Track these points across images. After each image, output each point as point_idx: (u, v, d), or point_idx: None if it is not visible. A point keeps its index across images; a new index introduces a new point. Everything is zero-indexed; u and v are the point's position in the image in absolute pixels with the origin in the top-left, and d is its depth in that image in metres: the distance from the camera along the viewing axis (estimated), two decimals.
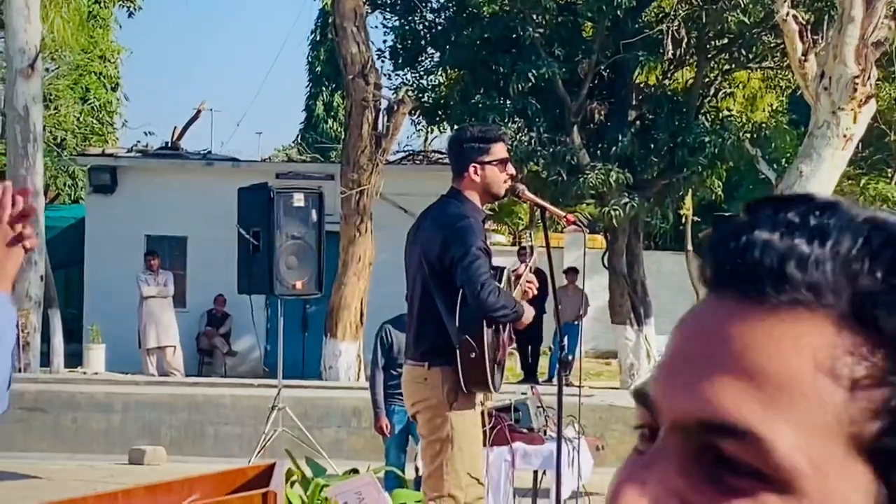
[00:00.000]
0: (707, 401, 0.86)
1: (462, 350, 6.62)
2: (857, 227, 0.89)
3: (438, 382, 6.72)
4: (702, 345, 0.90)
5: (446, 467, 6.77)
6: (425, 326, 6.82)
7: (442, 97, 24.15)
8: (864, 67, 16.81)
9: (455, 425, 6.74)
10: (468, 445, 6.81)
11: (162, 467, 14.27)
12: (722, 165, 22.91)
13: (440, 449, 6.78)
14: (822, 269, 0.88)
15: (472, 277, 6.52)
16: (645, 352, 22.96)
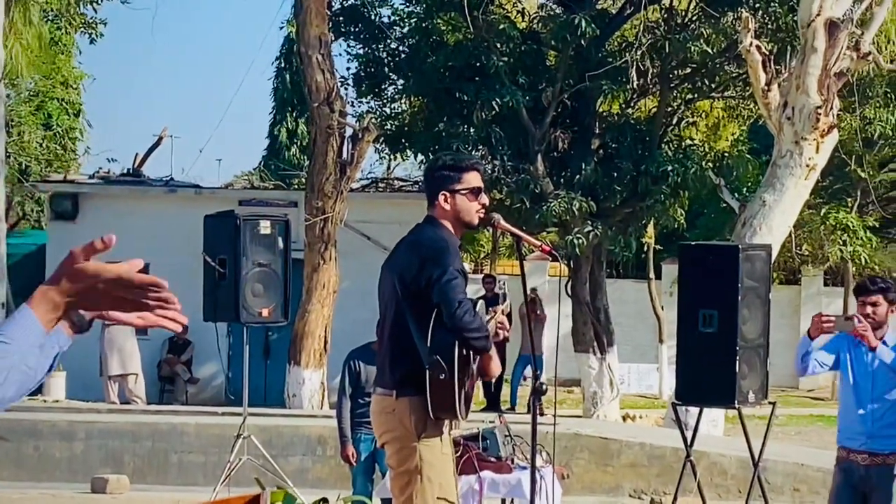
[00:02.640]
0: None
1: (432, 371, 6.58)
2: None
3: (406, 413, 6.70)
4: None
5: (416, 498, 6.74)
6: (396, 354, 6.80)
7: (405, 125, 24.18)
8: (826, 98, 16.94)
9: (423, 456, 6.71)
10: (437, 475, 6.77)
11: (125, 496, 14.18)
12: (684, 194, 23.00)
13: (409, 480, 6.76)
14: None
15: (450, 296, 6.51)
16: (608, 380, 22.99)
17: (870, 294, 8.54)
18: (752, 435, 12.73)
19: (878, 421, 8.48)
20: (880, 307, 8.52)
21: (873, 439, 8.46)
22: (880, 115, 25.02)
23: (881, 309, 8.52)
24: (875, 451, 8.40)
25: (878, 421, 8.48)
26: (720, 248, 13.87)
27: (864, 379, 8.54)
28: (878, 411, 8.48)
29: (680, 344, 12.74)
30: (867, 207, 29.99)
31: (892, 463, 8.43)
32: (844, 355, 8.66)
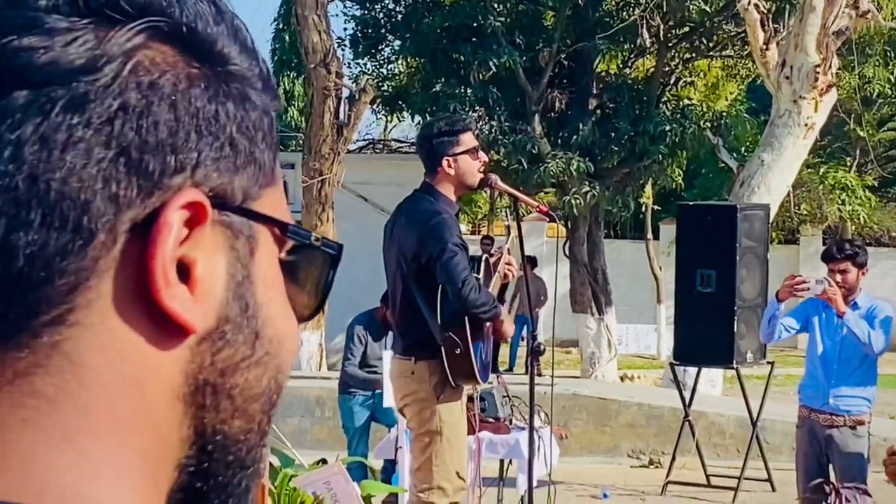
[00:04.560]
0: None
1: (446, 346, 6.65)
2: None
3: (426, 376, 6.77)
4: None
5: (436, 459, 6.81)
6: (409, 322, 6.85)
7: (402, 86, 24.10)
8: (825, 56, 16.87)
9: (444, 417, 6.79)
10: (456, 437, 6.85)
11: None
12: (682, 154, 22.97)
13: (429, 441, 6.82)
14: None
15: (453, 275, 6.55)
16: (606, 340, 23.00)
17: (838, 262, 8.47)
18: (750, 395, 12.75)
19: (842, 382, 8.44)
20: (850, 273, 8.45)
21: (837, 400, 8.43)
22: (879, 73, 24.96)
23: (851, 275, 8.46)
24: (837, 413, 8.37)
25: (842, 382, 8.44)
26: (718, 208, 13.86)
27: (831, 340, 8.50)
28: (843, 373, 8.44)
29: (678, 304, 12.74)
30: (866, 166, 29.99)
31: (854, 426, 8.39)
32: (813, 317, 8.62)
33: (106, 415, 0.81)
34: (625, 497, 12.16)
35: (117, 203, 0.80)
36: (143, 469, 0.82)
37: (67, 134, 0.79)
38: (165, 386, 0.83)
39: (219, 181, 0.84)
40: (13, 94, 0.79)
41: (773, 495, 12.16)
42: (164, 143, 0.82)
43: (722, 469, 12.79)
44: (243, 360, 0.86)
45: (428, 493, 6.86)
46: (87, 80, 0.80)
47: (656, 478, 12.85)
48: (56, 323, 0.80)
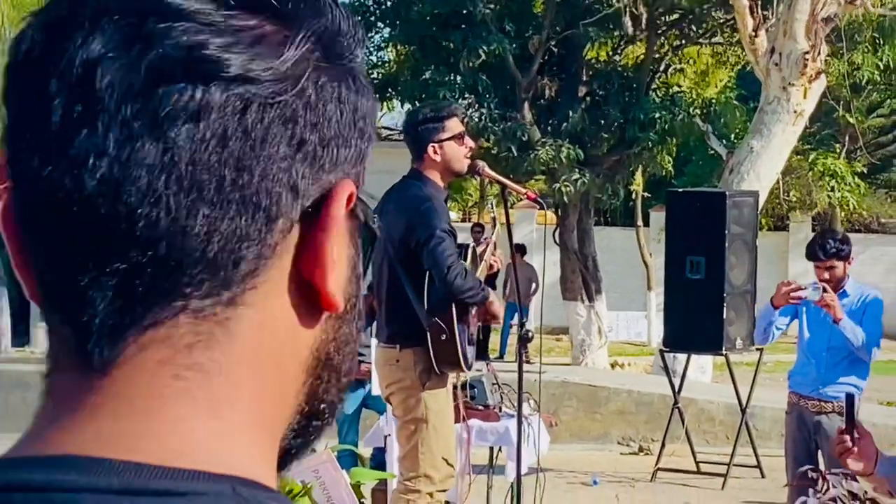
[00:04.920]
0: None
1: (432, 332, 6.65)
2: None
3: (411, 364, 6.76)
4: None
5: (422, 447, 6.81)
6: (394, 309, 6.84)
7: (392, 73, 24.07)
8: (814, 43, 16.86)
9: (429, 405, 6.79)
10: (442, 425, 6.85)
11: None
12: (672, 141, 22.96)
13: (415, 429, 6.82)
14: None
15: (439, 260, 6.54)
16: (596, 327, 23.01)
17: (824, 261, 8.47)
18: (739, 381, 12.75)
19: (830, 369, 8.44)
20: (836, 269, 8.45)
21: (825, 386, 8.44)
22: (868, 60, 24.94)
23: (838, 270, 8.46)
24: (826, 399, 8.38)
25: (830, 369, 8.44)
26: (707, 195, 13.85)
27: (820, 328, 8.49)
28: (831, 359, 8.44)
29: (667, 291, 12.74)
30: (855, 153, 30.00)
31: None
32: (801, 306, 8.61)
33: (252, 388, 0.87)
34: (614, 484, 12.17)
35: (297, 193, 0.87)
36: (270, 436, 0.90)
37: (265, 129, 0.86)
38: (298, 360, 0.91)
39: (355, 170, 0.92)
40: (212, 88, 0.85)
41: (762, 482, 12.18)
42: (334, 137, 0.90)
43: (711, 456, 12.81)
44: (350, 335, 0.95)
45: (415, 482, 6.87)
46: (276, 79, 0.87)
47: (646, 465, 12.86)
48: (228, 303, 0.86)
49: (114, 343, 0.85)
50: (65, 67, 0.85)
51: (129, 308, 0.85)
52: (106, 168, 0.84)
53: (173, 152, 0.84)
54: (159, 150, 0.84)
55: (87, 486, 0.80)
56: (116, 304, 0.85)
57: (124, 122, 0.84)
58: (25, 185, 0.86)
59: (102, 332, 0.85)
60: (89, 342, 0.85)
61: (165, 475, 0.81)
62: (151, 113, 0.84)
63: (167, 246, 0.84)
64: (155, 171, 0.84)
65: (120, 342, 0.85)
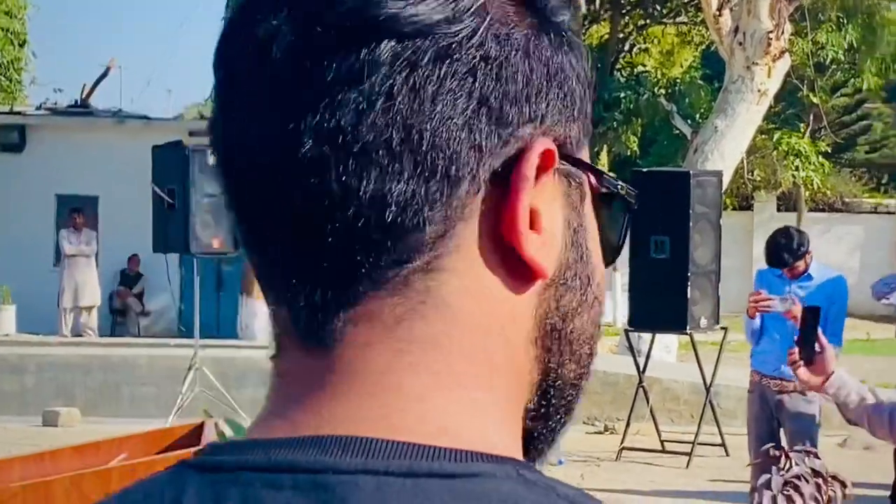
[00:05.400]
0: None
1: None
2: None
3: None
4: None
5: None
6: None
7: None
8: (777, 22, 16.89)
9: None
10: None
11: (77, 429, 14.11)
12: (637, 121, 23.01)
13: None
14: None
15: None
16: None
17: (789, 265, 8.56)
18: (704, 360, 12.79)
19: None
20: (800, 266, 8.56)
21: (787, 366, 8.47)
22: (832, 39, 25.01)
23: (801, 266, 8.56)
24: (788, 378, 8.40)
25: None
26: (671, 175, 13.87)
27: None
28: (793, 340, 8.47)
29: (632, 270, 12.75)
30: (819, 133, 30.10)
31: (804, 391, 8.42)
32: (763, 288, 8.65)
33: (483, 359, 0.84)
34: (580, 463, 12.19)
35: (480, 152, 0.83)
36: (510, 412, 0.86)
37: (437, 85, 0.82)
38: (522, 330, 0.86)
39: (560, 131, 0.87)
40: (380, 46, 0.82)
41: (726, 460, 12.22)
42: (521, 92, 0.84)
43: (676, 434, 12.84)
44: (580, 305, 0.89)
45: None
46: (450, 32, 0.83)
47: (611, 444, 12.89)
48: (426, 269, 0.83)
49: (327, 321, 0.83)
50: (249, 40, 0.85)
51: (333, 283, 0.83)
52: (280, 141, 0.83)
53: (339, 116, 0.81)
54: (328, 115, 0.82)
55: (362, 468, 0.78)
56: (321, 280, 0.83)
57: (296, 90, 0.83)
58: (226, 157, 0.87)
59: (314, 311, 0.84)
60: (305, 322, 0.84)
61: (445, 456, 0.79)
62: (318, 79, 0.82)
63: (354, 216, 0.82)
64: (325, 137, 0.82)
65: (332, 320, 0.83)
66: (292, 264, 0.84)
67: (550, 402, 0.89)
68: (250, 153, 0.84)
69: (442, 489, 0.78)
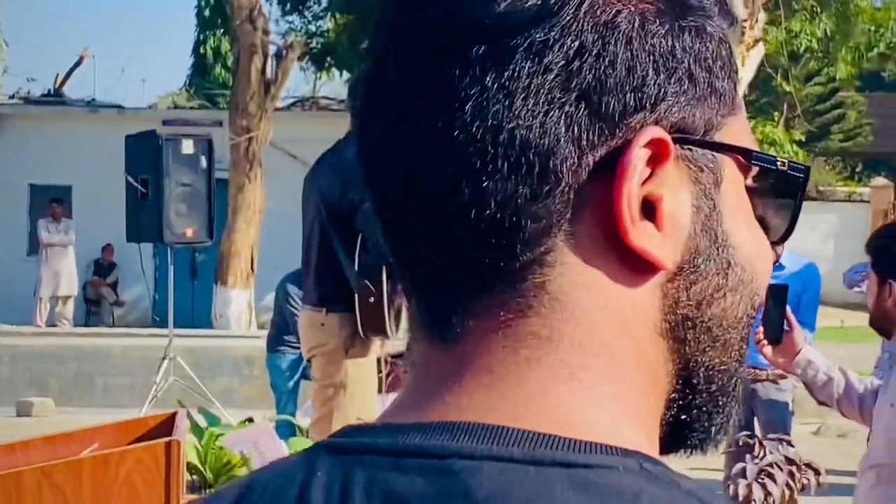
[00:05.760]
0: None
1: (360, 295, 6.58)
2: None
3: (336, 328, 6.69)
4: None
5: (336, 413, 6.76)
6: (323, 272, 6.77)
7: (330, 43, 23.96)
8: (751, 11, 16.93)
9: (350, 372, 6.72)
10: (361, 392, 6.79)
11: (51, 419, 14.08)
12: None
13: (332, 394, 6.77)
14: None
15: (371, 224, 6.48)
16: None
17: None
18: None
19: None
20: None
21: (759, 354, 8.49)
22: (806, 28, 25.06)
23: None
24: (761, 367, 8.42)
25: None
26: None
27: None
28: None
29: None
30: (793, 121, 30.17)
31: (776, 380, 8.45)
32: None
33: (601, 351, 0.84)
34: None
35: (580, 146, 0.82)
36: (639, 404, 0.85)
37: (528, 81, 0.82)
38: (646, 322, 0.86)
39: (679, 115, 0.85)
40: (471, 48, 0.83)
41: None
42: (623, 82, 0.83)
43: None
44: (718, 290, 0.88)
45: None
46: (544, 26, 0.82)
47: None
48: (535, 264, 0.83)
49: (447, 317, 0.86)
50: (394, 32, 0.88)
51: (451, 281, 0.85)
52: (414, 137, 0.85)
53: (434, 120, 0.83)
54: (423, 120, 0.84)
55: (486, 454, 0.79)
56: (441, 278, 0.86)
57: (400, 96, 0.86)
58: (370, 154, 0.89)
59: (436, 306, 0.87)
60: (429, 317, 0.87)
61: (568, 446, 0.80)
62: (415, 84, 0.85)
63: (458, 216, 0.84)
64: (423, 140, 0.84)
65: (452, 316, 0.85)
66: (417, 263, 0.88)
67: (697, 390, 0.90)
68: (372, 155, 0.88)
69: (563, 478, 0.78)
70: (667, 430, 0.90)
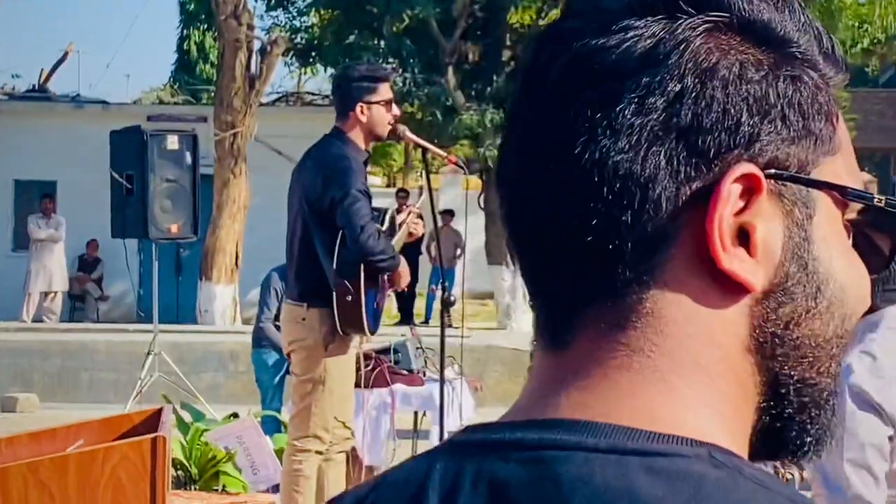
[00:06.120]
0: None
1: (338, 293, 6.60)
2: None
3: (316, 323, 6.71)
4: None
5: (314, 408, 6.78)
6: (305, 267, 6.79)
7: (315, 38, 23.94)
8: None
9: (329, 367, 6.75)
10: (339, 388, 6.82)
11: (35, 414, 14.07)
12: None
13: (311, 389, 6.79)
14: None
15: (352, 220, 6.51)
16: (521, 292, 23.06)
17: None
18: None
19: None
20: None
21: None
22: None
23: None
24: None
25: None
26: None
27: None
28: None
29: None
30: None
31: None
32: None
33: (690, 360, 0.94)
34: None
35: (678, 179, 0.93)
36: (726, 408, 0.95)
37: (632, 120, 0.93)
38: (735, 338, 0.96)
39: (773, 154, 0.95)
40: (585, 92, 0.94)
41: None
42: (718, 122, 0.93)
43: None
44: (807, 313, 0.97)
45: (304, 441, 6.85)
46: (650, 73, 0.93)
47: None
48: (633, 283, 0.94)
49: (566, 323, 0.97)
50: (527, 79, 1.00)
51: (563, 296, 0.97)
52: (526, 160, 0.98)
53: (548, 154, 0.96)
54: (540, 160, 0.96)
55: (575, 445, 0.91)
56: (555, 293, 0.98)
57: (525, 132, 0.99)
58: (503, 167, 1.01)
59: (551, 318, 0.98)
60: (545, 327, 0.99)
61: (647, 437, 0.91)
62: (535, 122, 0.98)
63: (568, 239, 0.95)
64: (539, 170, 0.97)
65: (570, 323, 0.97)
66: (537, 280, 0.99)
67: (788, 401, 0.99)
68: (507, 185, 1.00)
69: (639, 465, 0.89)
70: (761, 437, 1.00)
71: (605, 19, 0.96)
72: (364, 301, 6.63)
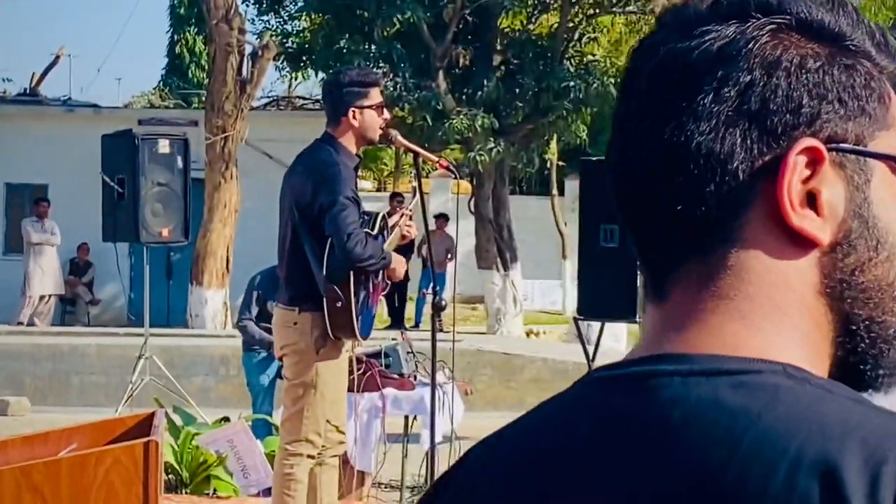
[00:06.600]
0: None
1: (328, 299, 6.63)
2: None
3: (308, 327, 6.73)
4: None
5: (306, 412, 6.79)
6: (296, 271, 6.81)
7: (306, 42, 23.94)
8: None
9: (320, 371, 6.76)
10: (331, 392, 6.83)
11: (26, 418, 14.07)
12: (586, 110, 23.04)
13: (302, 393, 6.80)
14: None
15: (340, 227, 6.53)
16: (511, 296, 23.08)
17: None
18: None
19: None
20: None
21: None
22: None
23: None
24: None
25: None
26: None
27: None
28: None
29: (581, 259, 12.78)
30: None
31: None
32: None
33: (769, 303, 1.13)
34: None
35: (752, 154, 1.12)
36: (802, 340, 1.13)
37: (712, 108, 1.12)
38: (808, 284, 1.14)
39: (832, 130, 1.13)
40: (671, 84, 1.14)
41: None
42: (782, 106, 1.12)
43: None
44: (869, 261, 1.15)
45: (296, 445, 6.86)
46: (725, 66, 1.13)
47: None
48: (718, 241, 1.13)
49: (665, 281, 1.16)
50: (628, 76, 1.20)
51: (663, 256, 1.16)
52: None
53: (643, 139, 1.15)
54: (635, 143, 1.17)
55: (673, 371, 1.10)
56: (656, 254, 1.17)
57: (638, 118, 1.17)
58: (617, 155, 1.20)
59: (654, 276, 1.17)
60: (650, 285, 1.18)
61: (731, 360, 1.10)
62: (630, 113, 1.18)
63: (666, 209, 1.14)
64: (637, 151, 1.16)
65: (668, 280, 1.16)
66: (642, 245, 1.18)
67: (860, 336, 1.16)
68: (615, 165, 1.20)
69: (725, 382, 1.08)
70: (840, 369, 1.16)
71: (687, 27, 1.15)
72: (354, 306, 6.66)
